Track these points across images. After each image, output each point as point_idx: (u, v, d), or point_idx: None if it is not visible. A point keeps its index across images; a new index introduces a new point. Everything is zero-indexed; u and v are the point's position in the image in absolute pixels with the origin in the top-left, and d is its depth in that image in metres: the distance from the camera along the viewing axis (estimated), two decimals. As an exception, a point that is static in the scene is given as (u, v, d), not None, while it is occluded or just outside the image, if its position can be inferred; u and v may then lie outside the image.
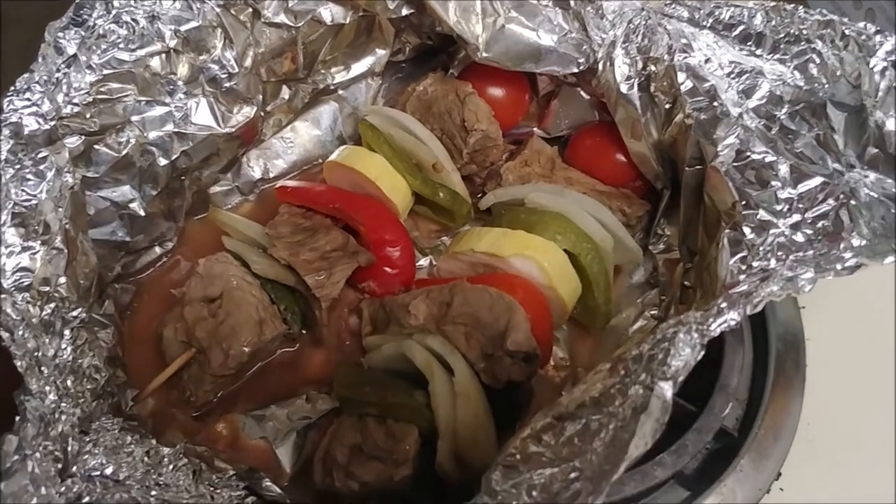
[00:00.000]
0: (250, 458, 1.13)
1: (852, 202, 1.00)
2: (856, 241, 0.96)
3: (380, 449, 1.04)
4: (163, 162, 1.20)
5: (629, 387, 0.83)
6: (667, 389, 0.77)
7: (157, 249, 1.31)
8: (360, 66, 1.45)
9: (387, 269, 1.26)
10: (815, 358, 1.25)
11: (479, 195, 1.38)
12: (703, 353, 0.82)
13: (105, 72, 1.11)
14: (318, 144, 1.48)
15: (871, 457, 1.19)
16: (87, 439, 0.93)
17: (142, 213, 1.21)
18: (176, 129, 1.20)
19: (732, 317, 0.85)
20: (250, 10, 1.24)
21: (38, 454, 0.86)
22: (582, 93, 1.41)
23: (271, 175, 1.45)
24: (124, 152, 1.16)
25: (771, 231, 1.00)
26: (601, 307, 1.23)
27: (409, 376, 1.11)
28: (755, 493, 1.14)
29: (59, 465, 0.87)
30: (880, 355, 1.27)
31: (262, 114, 1.34)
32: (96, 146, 1.13)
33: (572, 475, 0.80)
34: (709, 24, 1.17)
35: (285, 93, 1.38)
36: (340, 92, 1.47)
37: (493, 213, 1.34)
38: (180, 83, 1.19)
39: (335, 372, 1.16)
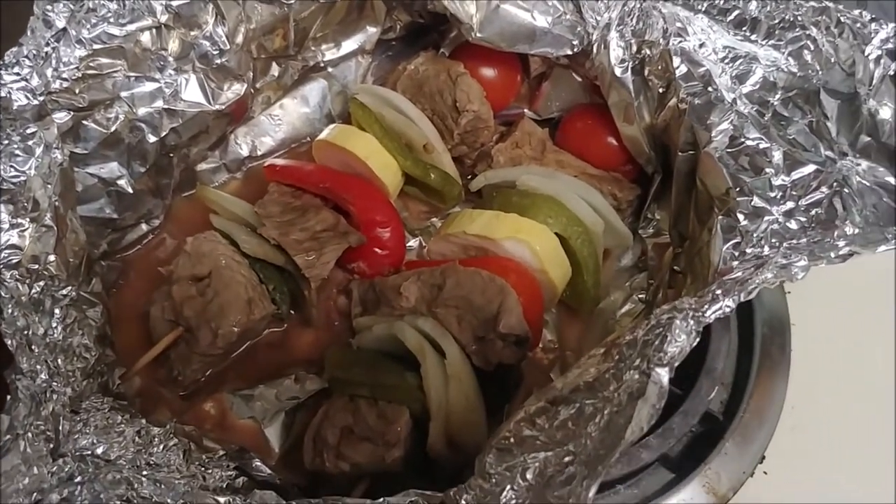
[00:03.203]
0: (239, 438, 1.13)
1: (845, 190, 1.02)
2: (849, 230, 0.98)
3: (371, 430, 1.05)
4: (152, 139, 1.19)
5: (624, 372, 0.84)
6: (663, 375, 0.79)
7: (144, 227, 1.30)
8: (350, 44, 1.43)
9: (377, 249, 1.26)
10: (800, 343, 1.27)
11: (470, 177, 1.38)
12: (698, 339, 0.83)
13: (95, 46, 1.09)
14: (306, 122, 1.47)
15: (855, 441, 1.20)
16: (78, 419, 0.92)
17: (129, 190, 1.20)
18: (165, 106, 1.19)
19: (727, 304, 0.87)
20: (242, -15, 1.22)
21: (29, 434, 0.86)
22: (573, 74, 1.40)
23: (259, 153, 1.44)
24: (113, 128, 1.14)
25: (765, 218, 1.01)
26: (590, 290, 1.24)
27: (398, 358, 1.11)
28: (739, 476, 1.15)
29: (51, 445, 0.88)
30: (865, 341, 1.29)
31: (252, 91, 1.33)
32: (85, 122, 1.12)
33: (566, 459, 0.81)
34: (703, 8, 1.17)
35: (275, 70, 1.36)
36: (330, 69, 1.46)
37: (484, 195, 1.34)
38: (171, 59, 1.18)
39: (327, 353, 1.16)
